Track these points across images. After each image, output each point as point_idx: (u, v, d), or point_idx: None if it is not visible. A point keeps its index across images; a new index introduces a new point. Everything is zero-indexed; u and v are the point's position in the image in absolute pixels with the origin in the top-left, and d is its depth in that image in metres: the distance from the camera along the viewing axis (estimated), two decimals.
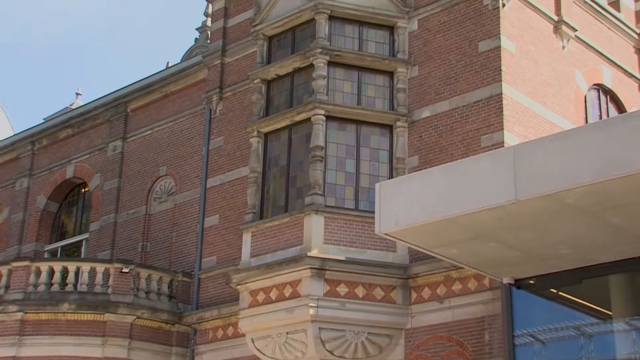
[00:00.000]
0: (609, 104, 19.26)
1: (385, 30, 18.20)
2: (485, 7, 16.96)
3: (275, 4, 18.94)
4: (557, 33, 18.06)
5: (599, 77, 19.05)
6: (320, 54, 17.65)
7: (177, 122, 21.86)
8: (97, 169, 23.42)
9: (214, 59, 21.06)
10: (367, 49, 18.04)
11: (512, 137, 16.04)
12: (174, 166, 21.51)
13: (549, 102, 17.37)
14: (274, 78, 18.75)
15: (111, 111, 23.38)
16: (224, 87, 20.69)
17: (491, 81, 16.45)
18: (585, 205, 8.99)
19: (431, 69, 17.47)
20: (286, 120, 18.03)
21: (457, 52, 17.14)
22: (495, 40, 16.60)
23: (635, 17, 20.59)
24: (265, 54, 19.04)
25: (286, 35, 18.86)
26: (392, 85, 17.88)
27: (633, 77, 20.00)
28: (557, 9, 18.12)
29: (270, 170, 18.29)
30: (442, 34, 17.50)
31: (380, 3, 18.11)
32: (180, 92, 22.11)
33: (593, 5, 19.17)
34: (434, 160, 16.63)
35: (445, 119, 16.94)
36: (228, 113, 20.47)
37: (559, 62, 17.93)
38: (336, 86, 17.81)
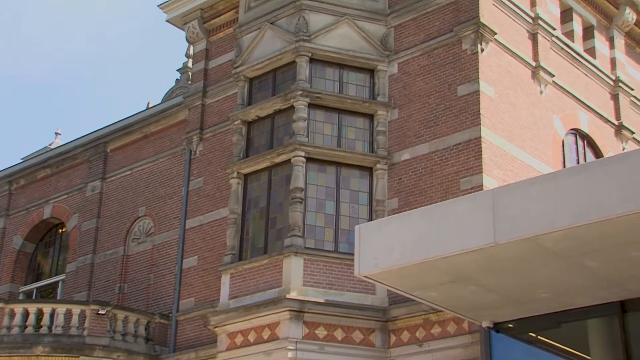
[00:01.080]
0: (586, 148, 19.46)
1: (366, 73, 18.37)
2: (464, 52, 17.17)
3: (257, 46, 19.09)
4: (535, 78, 18.30)
5: (576, 122, 19.28)
6: (301, 96, 17.75)
7: (157, 163, 21.81)
8: (75, 209, 23.26)
9: (194, 100, 21.12)
10: (348, 92, 18.17)
11: (490, 181, 16.14)
12: (153, 207, 21.41)
13: (527, 146, 17.53)
14: (254, 119, 18.81)
15: (90, 151, 23.30)
16: (205, 128, 20.72)
17: (470, 125, 16.59)
18: (563, 249, 9.02)
19: (411, 112, 17.61)
20: (266, 162, 18.05)
21: (437, 96, 17.30)
22: (474, 84, 16.79)
23: (610, 64, 20.92)
24: (246, 96, 19.12)
25: (267, 77, 18.98)
26: (372, 127, 17.98)
27: (609, 122, 20.25)
28: (534, 54, 18.38)
29: (249, 211, 18.25)
30: (422, 77, 17.68)
31: (361, 46, 18.30)
32: (160, 133, 22.10)
33: (570, 52, 19.47)
34: (413, 203, 16.67)
35: (425, 161, 17.03)
36: (208, 154, 20.47)
37: (537, 106, 18.14)
38: (316, 128, 17.89)
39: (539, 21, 18.47)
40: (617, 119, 20.48)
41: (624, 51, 21.37)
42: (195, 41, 21.86)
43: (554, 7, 19.46)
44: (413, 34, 18.10)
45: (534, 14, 18.52)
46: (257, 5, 19.52)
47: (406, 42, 18.16)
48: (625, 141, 20.52)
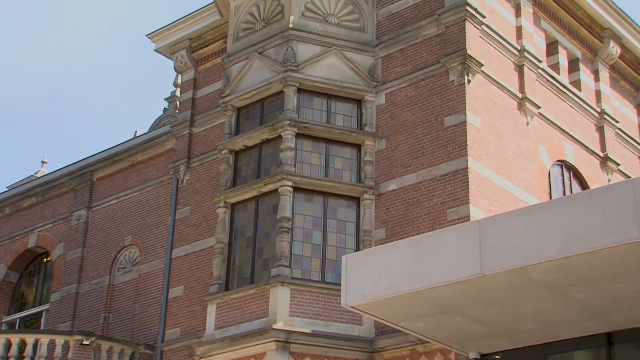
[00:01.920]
0: (572, 180, 19.55)
1: (353, 104, 18.44)
2: (451, 83, 17.28)
3: (245, 76, 19.15)
4: (521, 110, 18.42)
5: (562, 153, 19.38)
6: (289, 126, 17.79)
7: (144, 192, 21.75)
8: (60, 239, 23.11)
9: (182, 129, 21.12)
10: (335, 122, 18.23)
11: (477, 211, 16.17)
12: (139, 236, 21.30)
13: (514, 177, 17.59)
14: (242, 149, 18.82)
15: (77, 180, 23.22)
16: (192, 157, 20.71)
17: (457, 155, 16.65)
18: (549, 281, 9.03)
19: (398, 142, 17.67)
20: (253, 191, 18.03)
21: (424, 126, 17.38)
22: (461, 115, 16.87)
23: (595, 96, 21.10)
24: (234, 125, 19.15)
25: (255, 106, 19.02)
26: (360, 157, 18.02)
27: (595, 154, 20.37)
28: (521, 86, 18.52)
29: (236, 241, 18.19)
30: (409, 108, 17.77)
31: (349, 77, 18.39)
32: (147, 162, 22.06)
33: (555, 84, 19.63)
34: (400, 233, 16.67)
35: (412, 192, 17.05)
36: (195, 183, 20.44)
37: (523, 138, 18.24)
38: (304, 158, 17.91)
39: (525, 53, 18.64)
40: (602, 151, 20.61)
41: (608, 84, 21.57)
42: (183, 70, 21.92)
43: (540, 40, 19.66)
44: (400, 65, 18.22)
45: (520, 47, 18.69)
46: (245, 35, 19.62)
47: (393, 73, 18.27)
48: (611, 173, 20.64)
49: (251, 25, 19.53)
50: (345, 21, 18.83)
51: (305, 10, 18.76)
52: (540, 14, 19.81)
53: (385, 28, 18.74)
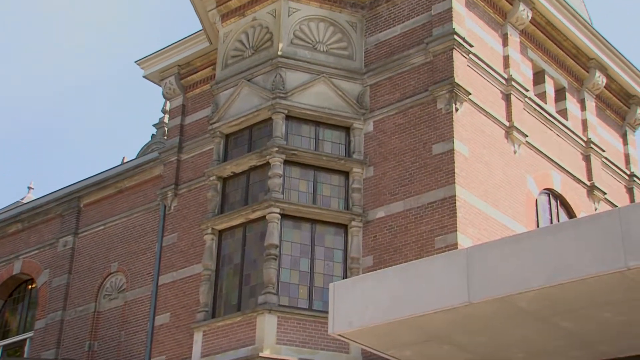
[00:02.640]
0: (559, 208, 19.62)
1: (342, 131, 18.49)
2: (439, 111, 17.37)
3: (233, 102, 19.19)
4: (509, 138, 18.51)
5: (549, 182, 19.47)
6: (277, 153, 17.81)
7: (131, 218, 21.67)
8: (45, 265, 22.95)
9: (170, 155, 21.11)
10: (323, 149, 18.26)
11: (465, 239, 16.18)
12: (125, 262, 21.19)
13: (501, 205, 17.64)
14: (229, 176, 18.81)
15: (63, 206, 23.11)
16: (180, 183, 20.67)
17: (445, 183, 16.69)
18: (537, 309, 9.01)
19: (386, 169, 17.70)
20: (241, 218, 17.99)
21: (412, 154, 17.43)
22: (449, 143, 16.94)
23: (582, 125, 21.23)
24: (222, 152, 19.15)
25: (243, 133, 19.05)
26: (348, 185, 18.04)
27: (581, 182, 20.47)
28: (508, 115, 18.63)
29: (223, 268, 18.12)
30: (397, 135, 17.83)
31: (337, 104, 18.46)
32: (134, 188, 22.01)
33: (542, 113, 19.76)
34: (388, 261, 16.64)
35: (400, 219, 17.06)
36: (183, 210, 20.38)
37: (510, 166, 18.31)
38: (292, 185, 17.91)
39: (512, 82, 18.77)
40: (589, 180, 20.71)
41: (595, 113, 21.73)
42: (172, 97, 21.95)
43: (527, 69, 19.81)
44: (389, 93, 18.31)
45: (507, 75, 18.83)
46: (234, 62, 19.69)
47: (382, 101, 18.35)
48: (598, 202, 20.72)
49: (240, 53, 19.61)
50: (334, 49, 18.94)
51: (294, 38, 18.86)
52: (527, 43, 19.99)
53: (374, 56, 18.85)
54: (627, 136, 23.03)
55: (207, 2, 20.07)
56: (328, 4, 19.10)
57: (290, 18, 18.91)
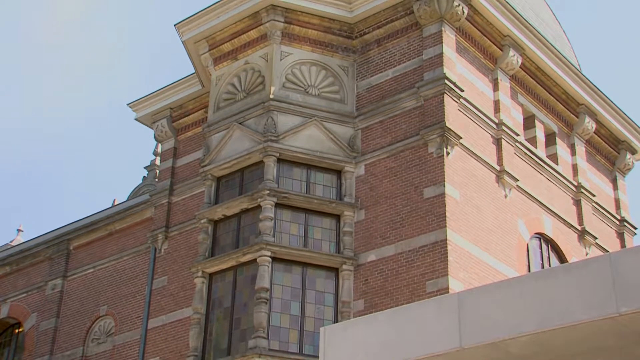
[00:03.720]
0: (550, 253, 19.61)
1: (333, 174, 18.52)
2: (430, 155, 17.43)
3: (225, 145, 19.23)
4: (500, 182, 18.57)
5: (540, 226, 19.48)
6: (268, 196, 17.80)
7: (121, 261, 21.55)
8: (33, 309, 22.73)
9: (161, 197, 21.07)
10: (315, 192, 18.27)
11: (456, 283, 16.12)
12: (115, 306, 21.01)
13: (492, 249, 17.62)
14: (220, 218, 18.76)
15: (53, 249, 22.98)
16: (170, 226, 20.61)
17: (436, 227, 16.69)
18: (528, 355, 8.95)
19: (377, 213, 17.70)
20: (232, 261, 17.91)
21: (403, 198, 17.45)
22: (440, 187, 16.98)
23: (572, 170, 21.33)
24: (213, 194, 19.13)
25: (234, 176, 19.05)
26: (339, 228, 18.01)
27: (572, 227, 20.49)
28: (499, 159, 18.71)
29: (213, 311, 17.98)
30: (389, 179, 17.86)
31: (328, 147, 18.51)
32: (125, 230, 21.92)
33: (533, 157, 19.86)
34: (379, 305, 16.56)
35: (391, 263, 17.01)
36: (173, 252, 20.29)
37: (501, 210, 18.34)
38: (283, 228, 17.87)
39: (503, 127, 18.89)
40: (580, 224, 20.74)
41: (585, 158, 21.85)
42: (163, 140, 21.98)
43: (517, 114, 19.96)
44: (380, 136, 18.38)
45: (497, 120, 18.95)
46: (226, 105, 19.78)
47: (373, 144, 18.42)
48: (589, 246, 20.73)
49: (232, 96, 19.71)
50: (326, 92, 19.06)
51: (286, 82, 18.98)
52: (518, 88, 20.17)
53: (365, 100, 18.97)
54: (617, 181, 23.13)
55: (200, 46, 20.23)
56: (320, 48, 19.27)
57: (283, 62, 19.06)
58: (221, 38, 19.93)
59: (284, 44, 19.13)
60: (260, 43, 19.36)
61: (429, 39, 18.29)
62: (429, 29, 18.34)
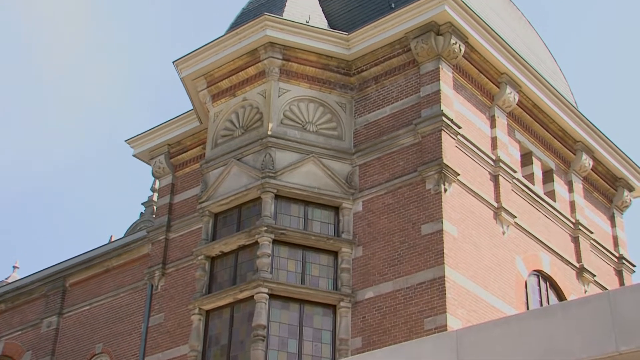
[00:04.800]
0: (548, 290, 19.52)
1: (331, 211, 18.49)
2: (428, 192, 17.43)
3: (222, 181, 19.22)
4: (497, 219, 18.54)
5: (538, 263, 19.41)
6: (266, 232, 17.75)
7: (117, 298, 21.42)
8: (28, 347, 22.54)
9: (158, 234, 21.01)
10: (312, 229, 18.22)
11: (454, 320, 16.02)
12: (110, 343, 20.83)
13: (491, 286, 17.54)
14: (218, 255, 18.69)
15: (48, 286, 22.85)
16: (167, 262, 20.52)
17: (434, 264, 16.63)
18: None
19: (375, 249, 17.64)
20: (229, 298, 17.80)
21: (401, 234, 17.40)
22: (438, 223, 16.94)
23: (570, 207, 21.31)
24: (211, 231, 19.07)
25: (232, 212, 19.01)
26: (337, 265, 17.94)
27: (570, 264, 20.42)
28: (496, 196, 18.70)
29: (210, 349, 17.83)
30: (387, 215, 17.83)
31: (326, 184, 18.51)
32: (122, 267, 21.83)
33: (530, 194, 19.85)
34: (377, 342, 16.43)
35: (389, 300, 16.91)
36: (170, 289, 20.18)
37: (499, 247, 18.29)
38: (280, 265, 17.80)
39: (500, 163, 18.91)
40: (578, 262, 20.67)
41: (582, 195, 21.85)
42: (161, 176, 21.99)
43: (515, 151, 19.99)
44: (378, 173, 18.40)
45: (495, 157, 18.98)
46: (224, 141, 19.80)
47: (371, 181, 18.43)
48: (587, 284, 20.64)
49: (230, 132, 19.75)
50: (324, 129, 19.11)
51: (284, 118, 19.04)
52: (515, 125, 20.23)
53: (363, 136, 19.01)
54: (615, 218, 23.10)
55: (198, 83, 20.32)
56: (318, 85, 19.36)
57: (281, 98, 19.14)
58: (219, 75, 20.03)
59: (282, 80, 19.22)
60: (258, 80, 19.46)
61: (426, 76, 18.39)
62: (427, 66, 18.44)
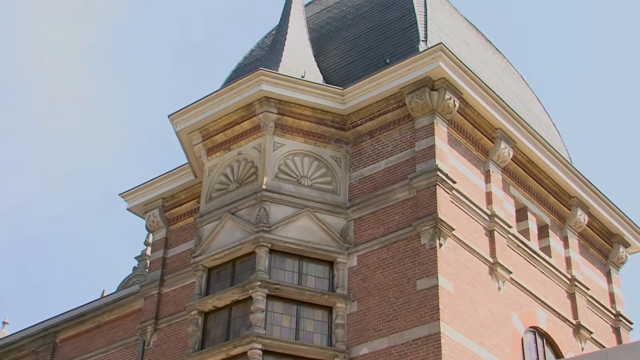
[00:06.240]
0: (545, 347, 19.29)
1: (325, 265, 18.36)
2: (423, 247, 17.33)
3: (217, 236, 19.09)
4: (493, 274, 18.41)
5: (535, 319, 19.22)
6: (260, 287, 17.57)
7: (108, 354, 21.11)
8: None
9: (151, 288, 20.80)
10: (307, 283, 18.06)
11: None
12: None
13: (487, 343, 17.33)
14: (211, 310, 18.47)
15: (39, 342, 22.53)
16: (160, 317, 20.27)
17: (429, 320, 16.45)
18: None
19: (370, 305, 17.46)
20: (222, 354, 17.53)
21: (396, 289, 17.25)
22: (433, 279, 16.81)
23: (566, 262, 21.19)
24: (204, 285, 18.88)
25: (226, 267, 18.85)
26: (331, 320, 17.73)
27: (567, 321, 20.22)
28: (492, 251, 18.60)
29: None
30: (381, 270, 17.70)
31: (321, 238, 18.40)
32: (113, 322, 21.56)
33: (526, 250, 19.76)
34: None
35: (384, 357, 16.68)
36: (162, 345, 19.88)
37: (495, 302, 18.13)
38: (274, 320, 17.58)
39: (495, 218, 18.86)
40: (574, 318, 20.48)
41: (578, 251, 21.75)
42: (155, 230, 21.86)
43: (509, 206, 19.96)
44: (372, 228, 18.31)
45: (490, 212, 18.94)
46: (218, 195, 19.74)
47: (366, 235, 18.33)
48: (584, 341, 20.42)
49: (225, 186, 19.70)
50: (318, 183, 19.08)
51: (278, 172, 19.02)
52: (509, 180, 20.24)
53: (358, 191, 18.99)
54: (611, 275, 22.97)
55: (193, 137, 20.34)
56: (313, 139, 19.40)
57: (276, 152, 19.15)
58: (215, 129, 20.07)
59: (277, 134, 19.26)
60: (254, 134, 19.50)
61: (421, 131, 18.45)
62: (421, 121, 18.52)
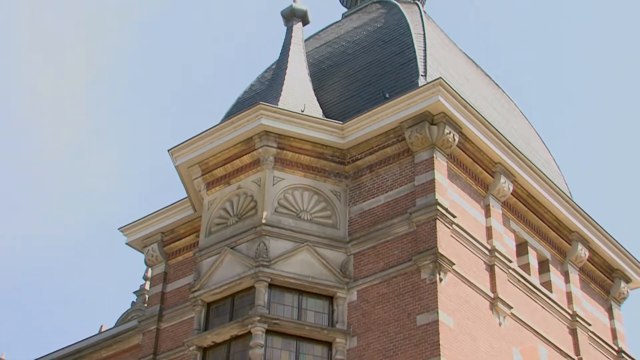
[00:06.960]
0: None
1: (325, 300, 18.24)
2: (423, 281, 17.23)
3: (216, 270, 18.99)
4: (494, 310, 18.29)
5: (536, 355, 19.05)
6: (259, 322, 17.44)
7: None
8: None
9: (149, 323, 20.65)
10: (306, 318, 17.93)
11: None
12: None
13: None
14: (210, 345, 18.31)
15: None
16: (158, 353, 20.10)
17: (430, 355, 16.30)
18: None
19: (370, 340, 17.32)
20: None
21: (396, 325, 17.12)
22: (434, 314, 16.69)
23: (567, 298, 21.05)
24: (203, 321, 18.74)
25: (225, 302, 18.72)
26: (331, 356, 17.58)
27: (569, 357, 20.03)
28: (492, 286, 18.49)
29: None
30: (381, 305, 17.58)
31: (320, 273, 18.31)
32: (111, 358, 21.44)
33: (527, 285, 19.64)
34: None
35: None
36: None
37: (496, 338, 17.97)
38: (274, 355, 17.43)
39: (496, 253, 18.78)
40: (576, 354, 20.30)
41: (579, 286, 21.62)
42: (154, 264, 21.77)
43: (510, 240, 19.89)
44: (372, 262, 18.23)
45: (490, 246, 18.87)
46: (217, 230, 19.67)
47: (365, 270, 18.24)
48: None
49: (224, 220, 19.64)
50: (318, 217, 19.03)
51: (278, 207, 18.98)
52: (510, 215, 20.19)
53: (358, 225, 18.92)
54: (612, 310, 22.81)
55: (193, 171, 20.33)
56: (312, 173, 19.39)
57: (275, 187, 19.13)
58: (214, 163, 20.06)
59: (276, 169, 19.26)
60: (253, 168, 19.49)
61: (420, 165, 18.45)
62: (421, 155, 18.53)
